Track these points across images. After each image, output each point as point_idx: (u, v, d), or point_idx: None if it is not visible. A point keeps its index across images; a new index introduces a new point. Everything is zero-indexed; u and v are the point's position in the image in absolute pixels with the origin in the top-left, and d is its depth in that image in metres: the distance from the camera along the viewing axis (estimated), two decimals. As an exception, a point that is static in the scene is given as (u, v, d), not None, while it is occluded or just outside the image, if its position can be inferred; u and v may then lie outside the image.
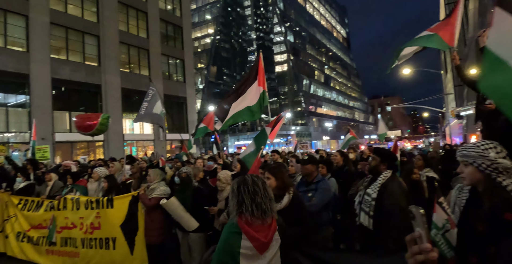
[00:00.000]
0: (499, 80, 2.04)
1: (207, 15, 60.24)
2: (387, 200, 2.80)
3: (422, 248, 0.87)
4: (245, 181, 2.14)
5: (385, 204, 2.80)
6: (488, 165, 1.65)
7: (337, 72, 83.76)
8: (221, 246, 2.03)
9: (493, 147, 1.70)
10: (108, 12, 22.94)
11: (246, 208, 2.02)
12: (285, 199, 2.96)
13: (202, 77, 55.12)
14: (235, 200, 2.06)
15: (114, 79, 22.83)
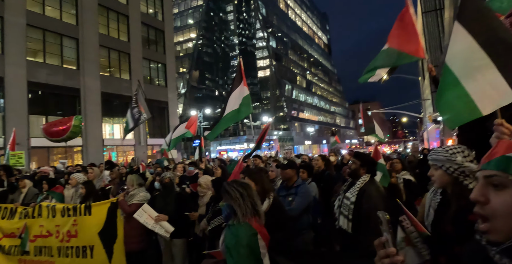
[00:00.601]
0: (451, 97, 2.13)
1: (190, 20, 60.06)
2: (366, 204, 2.85)
3: (388, 252, 0.91)
4: (247, 185, 2.29)
5: (364, 207, 2.84)
6: (455, 168, 1.72)
7: (318, 78, 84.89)
8: (244, 252, 2.07)
9: (461, 152, 1.77)
10: (88, 15, 22.52)
11: (257, 210, 2.19)
12: (265, 204, 2.96)
13: (184, 82, 54.72)
14: (247, 203, 2.18)
15: (93, 83, 22.36)
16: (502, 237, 0.76)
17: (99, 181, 6.39)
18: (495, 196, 0.78)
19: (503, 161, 0.78)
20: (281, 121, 62.92)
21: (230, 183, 2.33)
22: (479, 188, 0.82)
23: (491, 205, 0.78)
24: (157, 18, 29.36)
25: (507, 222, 0.75)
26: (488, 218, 0.78)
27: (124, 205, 4.46)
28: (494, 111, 1.88)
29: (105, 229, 4.56)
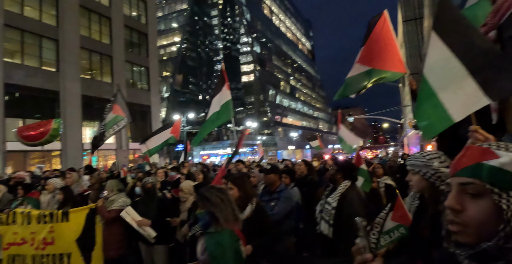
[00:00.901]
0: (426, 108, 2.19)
1: (174, 23, 59.77)
2: (347, 209, 2.89)
3: (364, 258, 0.93)
4: (225, 190, 2.27)
5: (345, 213, 2.88)
6: (432, 174, 1.77)
7: (302, 83, 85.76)
8: (232, 259, 2.04)
9: (437, 157, 1.82)
10: (69, 16, 22.06)
11: (236, 215, 2.18)
12: (248, 209, 2.96)
13: (167, 86, 54.26)
14: (228, 208, 2.15)
15: (73, 85, 21.86)
16: (471, 240, 0.78)
17: (77, 187, 6.23)
18: (471, 204, 0.78)
19: (478, 169, 0.77)
20: (264, 126, 63.10)
21: (208, 189, 2.27)
22: (455, 196, 0.81)
23: (467, 213, 0.78)
24: (140, 21, 29.07)
25: (480, 229, 0.76)
26: (462, 225, 0.78)
27: (103, 211, 4.36)
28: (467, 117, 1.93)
29: (83, 236, 4.44)
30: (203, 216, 2.15)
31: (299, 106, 78.97)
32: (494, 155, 0.77)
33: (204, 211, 2.17)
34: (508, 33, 1.83)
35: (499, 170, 0.75)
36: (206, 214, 2.14)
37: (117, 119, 7.24)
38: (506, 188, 0.74)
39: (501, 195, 0.74)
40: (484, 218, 0.75)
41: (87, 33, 23.87)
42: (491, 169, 0.76)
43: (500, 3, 1.86)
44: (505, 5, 1.83)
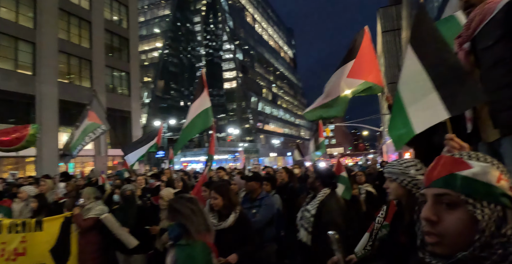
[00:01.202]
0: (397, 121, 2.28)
1: (156, 29, 59.36)
2: (325, 217, 2.91)
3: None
4: (195, 199, 2.14)
5: (322, 220, 2.90)
6: (409, 181, 1.81)
7: (284, 91, 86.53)
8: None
9: (414, 165, 1.87)
10: (47, 19, 21.54)
11: (208, 225, 2.08)
12: (231, 218, 2.94)
13: (148, 91, 53.61)
14: (199, 218, 2.04)
15: (50, 89, 21.27)
16: (447, 251, 0.78)
17: (52, 194, 6.02)
18: (447, 215, 0.78)
19: (452, 180, 0.78)
20: (246, 133, 63.11)
21: (177, 199, 2.16)
22: (430, 207, 0.81)
23: (443, 225, 0.78)
24: (121, 25, 28.71)
25: (456, 239, 0.77)
26: (439, 236, 0.78)
27: (79, 219, 4.22)
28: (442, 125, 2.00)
29: (58, 246, 4.28)
30: (173, 229, 2.05)
31: (281, 114, 79.53)
32: (466, 165, 0.78)
33: (175, 223, 2.06)
34: (482, 45, 1.90)
35: (472, 181, 0.76)
36: (177, 226, 2.04)
37: (94, 127, 7.04)
38: (480, 198, 0.75)
39: (475, 205, 0.75)
40: (460, 228, 0.76)
41: (66, 37, 23.36)
42: (464, 179, 0.77)
43: (473, 15, 1.93)
44: (478, 17, 1.91)
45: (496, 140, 1.86)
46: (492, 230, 0.74)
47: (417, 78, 2.11)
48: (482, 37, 1.90)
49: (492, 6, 1.86)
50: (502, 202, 0.75)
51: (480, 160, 0.79)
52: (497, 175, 0.77)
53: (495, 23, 1.82)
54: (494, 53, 1.82)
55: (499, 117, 1.80)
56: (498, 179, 0.76)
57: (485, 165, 0.78)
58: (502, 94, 1.79)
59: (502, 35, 1.77)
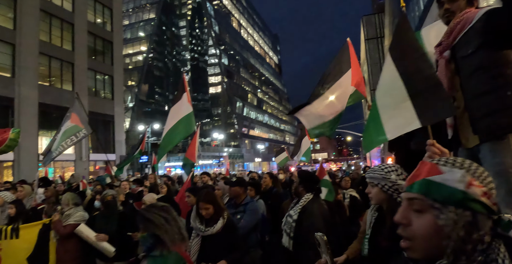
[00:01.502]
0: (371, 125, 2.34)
1: (140, 32, 58.79)
2: (305, 222, 2.92)
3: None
4: (169, 208, 2.04)
5: (303, 225, 2.90)
6: (390, 186, 1.84)
7: (269, 96, 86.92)
8: None
9: (395, 170, 1.90)
10: (27, 20, 21.04)
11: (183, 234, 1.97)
12: (219, 224, 2.91)
13: (132, 95, 52.87)
14: (173, 227, 1.93)
15: (30, 92, 20.70)
16: (419, 256, 0.80)
17: (30, 201, 5.83)
18: (416, 218, 0.80)
19: (423, 185, 0.80)
20: (231, 138, 62.97)
21: (149, 208, 2.03)
22: (402, 211, 0.84)
23: (412, 228, 0.80)
24: (105, 28, 28.30)
25: (425, 243, 0.79)
26: (409, 239, 0.81)
27: (58, 226, 4.09)
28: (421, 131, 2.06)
29: (35, 253, 4.14)
30: (145, 239, 1.92)
31: (266, 119, 79.76)
32: (438, 171, 0.80)
33: (147, 234, 1.93)
34: (461, 53, 1.96)
35: (441, 186, 0.78)
36: (150, 237, 1.91)
37: (76, 130, 6.88)
38: (446, 204, 0.76)
39: (441, 210, 0.76)
40: (427, 233, 0.78)
41: (47, 38, 22.85)
42: (433, 184, 0.79)
43: (454, 24, 1.99)
44: (458, 27, 1.97)
45: (476, 145, 1.91)
46: (460, 236, 0.74)
47: (394, 85, 2.17)
48: (461, 45, 1.96)
49: (471, 16, 1.91)
50: (471, 207, 0.75)
51: (455, 166, 0.80)
52: (468, 181, 0.77)
53: (474, 32, 1.87)
54: (473, 62, 1.88)
55: (478, 124, 1.86)
56: (469, 184, 0.76)
57: (456, 171, 0.79)
58: (481, 101, 1.84)
59: (481, 44, 1.83)
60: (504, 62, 1.78)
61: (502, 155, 1.74)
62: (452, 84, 2.02)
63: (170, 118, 5.47)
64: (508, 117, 1.73)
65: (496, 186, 1.86)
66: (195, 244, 2.88)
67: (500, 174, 1.74)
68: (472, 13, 1.93)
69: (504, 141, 1.74)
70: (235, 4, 79.11)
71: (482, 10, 1.89)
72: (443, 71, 2.05)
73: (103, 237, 3.92)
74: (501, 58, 1.78)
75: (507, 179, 1.71)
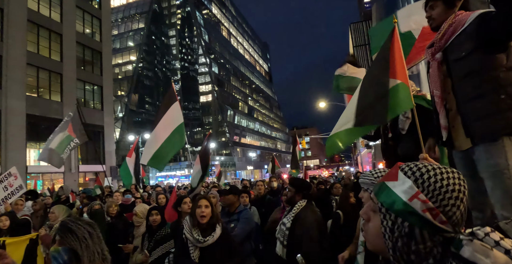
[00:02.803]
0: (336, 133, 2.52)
1: (130, 42, 58.73)
2: (299, 229, 2.88)
3: None
4: (95, 225, 1.78)
5: (296, 233, 2.87)
6: None
7: (260, 104, 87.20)
8: None
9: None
10: (14, 31, 20.82)
11: (105, 255, 1.69)
12: (218, 231, 2.83)
13: (122, 105, 52.51)
14: (96, 246, 1.65)
15: (17, 104, 20.38)
16: (372, 249, 0.85)
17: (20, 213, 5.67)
18: (372, 217, 0.84)
19: (379, 188, 0.83)
20: (223, 146, 62.77)
21: (75, 220, 1.75)
22: (365, 207, 0.88)
23: (368, 224, 0.86)
24: (94, 38, 28.17)
25: (373, 241, 0.83)
26: (366, 233, 0.87)
27: (48, 239, 3.98)
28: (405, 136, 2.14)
29: (22, 269, 4.00)
30: (59, 254, 1.60)
31: (257, 127, 79.86)
32: (395, 177, 0.80)
33: (62, 248, 1.61)
34: (453, 56, 1.98)
35: (389, 192, 0.79)
36: (65, 251, 1.60)
37: (69, 139, 6.84)
38: (389, 210, 0.77)
39: (385, 215, 0.78)
40: (373, 232, 0.82)
41: (35, 49, 22.62)
42: (384, 189, 0.81)
43: (447, 27, 2.01)
44: (450, 29, 1.99)
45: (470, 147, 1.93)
46: (398, 245, 0.75)
47: (357, 87, 2.28)
48: (454, 48, 1.97)
49: (463, 18, 1.94)
50: (408, 219, 0.74)
51: (410, 175, 0.79)
52: (413, 193, 0.75)
53: (466, 35, 1.90)
54: (466, 65, 1.90)
55: (471, 127, 1.87)
56: (413, 197, 0.75)
57: (407, 181, 0.78)
58: (474, 105, 1.86)
59: (473, 47, 1.85)
60: (496, 66, 1.79)
61: (497, 157, 1.75)
62: (443, 86, 2.04)
63: (162, 127, 5.39)
64: (502, 120, 1.75)
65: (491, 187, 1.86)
66: (196, 257, 2.76)
67: (495, 175, 1.75)
68: (465, 15, 1.95)
69: (498, 143, 1.76)
70: (225, 13, 79.74)
71: (475, 13, 1.90)
72: (435, 73, 2.07)
73: None
74: (493, 62, 1.80)
75: (502, 180, 1.73)
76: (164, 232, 3.55)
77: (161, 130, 5.38)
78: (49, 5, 24.10)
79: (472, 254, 0.68)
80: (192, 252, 2.76)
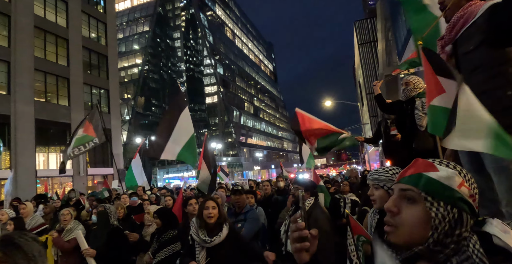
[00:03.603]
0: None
1: (135, 45, 59.17)
2: (312, 226, 2.88)
3: (298, 226, 1.04)
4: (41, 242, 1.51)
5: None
6: None
7: (265, 104, 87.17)
8: None
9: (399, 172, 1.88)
10: (22, 37, 21.13)
11: None
12: (224, 230, 2.83)
13: (128, 108, 52.92)
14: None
15: (26, 109, 20.68)
16: (401, 241, 0.86)
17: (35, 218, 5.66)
18: (406, 208, 0.87)
19: (417, 178, 0.87)
20: (229, 147, 62.89)
21: (22, 234, 1.47)
22: (394, 200, 0.90)
23: (401, 216, 0.87)
24: (100, 42, 28.45)
25: (410, 231, 0.85)
26: (395, 226, 0.88)
27: (61, 242, 4.03)
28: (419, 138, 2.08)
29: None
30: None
31: (263, 126, 79.83)
32: (434, 168, 0.87)
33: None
34: (462, 49, 1.93)
35: (435, 182, 0.84)
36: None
37: (86, 139, 6.95)
38: (438, 198, 0.84)
39: (432, 203, 0.83)
40: (415, 222, 0.84)
41: (42, 55, 22.92)
42: (428, 179, 0.85)
43: (457, 18, 1.95)
44: (461, 21, 1.93)
45: None
46: (445, 229, 0.82)
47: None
48: (463, 40, 1.91)
49: (475, 9, 1.86)
50: (459, 205, 0.83)
51: (449, 167, 0.87)
52: (460, 181, 0.84)
53: (476, 27, 1.83)
54: (474, 59, 1.85)
55: None
56: (460, 185, 0.84)
57: (451, 171, 0.85)
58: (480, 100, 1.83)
59: (482, 40, 1.79)
60: (505, 61, 1.74)
61: None
62: None
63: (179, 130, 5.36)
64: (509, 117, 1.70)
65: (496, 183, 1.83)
66: (202, 258, 2.77)
67: (501, 171, 1.73)
68: (476, 6, 1.87)
69: None
70: (229, 14, 79.93)
71: (487, 3, 1.82)
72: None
73: (90, 252, 3.55)
74: (502, 56, 1.75)
75: (508, 176, 1.70)
76: (169, 234, 3.54)
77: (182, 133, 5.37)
78: (55, 11, 24.40)
79: (494, 229, 0.81)
80: (198, 253, 2.77)
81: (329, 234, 2.85)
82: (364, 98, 55.22)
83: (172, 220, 3.67)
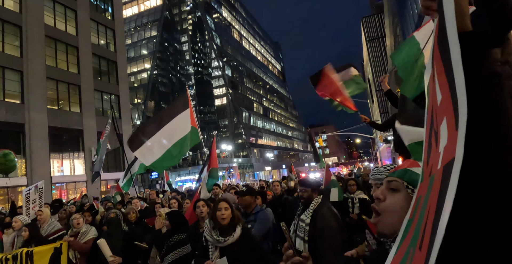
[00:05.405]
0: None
1: (143, 50, 59.83)
2: (320, 223, 2.92)
3: (287, 254, 1.20)
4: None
5: (318, 227, 2.90)
6: None
7: (275, 104, 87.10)
8: None
9: None
10: (33, 47, 21.63)
11: None
12: (238, 230, 2.86)
13: (139, 113, 53.52)
14: None
15: (40, 117, 21.13)
16: (387, 230, 0.97)
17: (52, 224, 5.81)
18: (390, 196, 1.01)
19: (403, 172, 1.04)
20: (240, 148, 63.02)
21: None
22: (381, 189, 1.05)
23: (385, 203, 1.00)
24: (109, 49, 28.89)
25: (393, 217, 0.96)
26: (380, 213, 1.00)
27: (78, 244, 4.12)
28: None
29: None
30: None
31: (273, 127, 79.77)
32: (417, 164, 1.04)
33: None
34: None
35: (415, 173, 1.01)
36: None
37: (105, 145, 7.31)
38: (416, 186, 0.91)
39: (413, 190, 0.96)
40: (397, 207, 0.97)
41: (53, 63, 23.40)
42: (410, 172, 1.02)
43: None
44: None
45: None
46: None
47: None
48: None
49: None
50: None
51: None
52: None
53: None
54: None
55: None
56: None
57: None
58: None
59: None
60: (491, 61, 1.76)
61: None
62: None
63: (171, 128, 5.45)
64: None
65: None
66: (215, 258, 2.80)
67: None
68: None
69: None
70: (235, 15, 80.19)
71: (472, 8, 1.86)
72: None
73: (117, 260, 3.73)
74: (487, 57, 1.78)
75: None
76: (177, 238, 3.53)
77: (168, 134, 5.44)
78: (65, 20, 24.87)
79: None
80: (211, 253, 2.80)
81: (336, 231, 2.87)
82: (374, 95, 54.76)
83: (181, 223, 3.70)
